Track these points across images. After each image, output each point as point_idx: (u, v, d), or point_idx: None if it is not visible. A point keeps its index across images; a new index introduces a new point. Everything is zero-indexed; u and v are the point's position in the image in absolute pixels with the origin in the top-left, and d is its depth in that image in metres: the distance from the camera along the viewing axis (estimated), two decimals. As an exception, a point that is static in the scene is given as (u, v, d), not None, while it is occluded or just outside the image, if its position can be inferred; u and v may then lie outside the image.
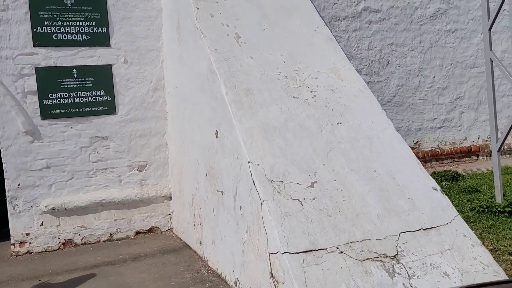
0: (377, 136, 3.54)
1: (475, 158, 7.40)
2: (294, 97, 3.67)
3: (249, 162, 3.15)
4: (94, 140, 5.25)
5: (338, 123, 3.56)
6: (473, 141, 7.41)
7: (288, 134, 3.38)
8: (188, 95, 4.57)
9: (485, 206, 4.17)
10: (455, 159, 7.24)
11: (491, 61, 4.04)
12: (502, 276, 2.79)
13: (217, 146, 3.78)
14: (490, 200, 4.32)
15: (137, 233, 5.37)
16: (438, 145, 7.14)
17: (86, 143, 5.22)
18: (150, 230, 5.44)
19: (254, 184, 3.05)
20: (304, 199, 2.97)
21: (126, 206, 5.36)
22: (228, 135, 3.54)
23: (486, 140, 7.52)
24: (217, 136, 3.76)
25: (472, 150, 7.35)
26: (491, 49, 4.05)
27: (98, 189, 5.29)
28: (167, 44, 5.34)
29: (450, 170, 6.10)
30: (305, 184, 3.07)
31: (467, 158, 7.34)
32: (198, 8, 4.16)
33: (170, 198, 5.52)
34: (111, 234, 5.25)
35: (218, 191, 3.79)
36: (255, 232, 3.06)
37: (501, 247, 3.55)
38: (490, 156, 7.45)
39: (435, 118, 7.11)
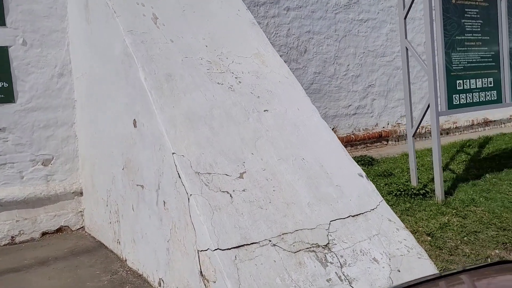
0: (303, 123, 3.48)
1: (385, 143, 7.79)
2: (218, 83, 3.48)
3: (173, 153, 2.92)
4: None
5: (264, 111, 3.44)
6: (383, 127, 7.78)
7: (214, 123, 3.19)
8: (100, 81, 4.17)
9: (402, 190, 4.34)
10: (368, 144, 7.55)
11: (406, 49, 4.18)
12: (425, 257, 2.88)
13: (135, 137, 3.48)
14: (406, 183, 4.51)
15: (44, 234, 4.86)
16: (352, 131, 7.39)
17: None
18: (59, 230, 4.94)
19: (179, 177, 2.83)
20: (233, 191, 2.82)
21: (30, 205, 4.81)
22: (148, 124, 3.26)
23: (395, 126, 7.94)
24: (135, 126, 3.46)
25: (383, 135, 7.71)
26: (406, 37, 4.19)
27: (-5, 187, 4.68)
28: (74, 25, 4.83)
29: (366, 155, 6.33)
30: (234, 175, 2.92)
31: (378, 143, 7.68)
32: (109, -15, 3.77)
33: (81, 194, 5.06)
34: (12, 237, 4.69)
35: (137, 185, 3.50)
36: (181, 229, 2.85)
37: (420, 229, 3.71)
38: (398, 140, 7.90)
39: (350, 105, 7.33)
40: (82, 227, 5.05)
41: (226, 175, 2.90)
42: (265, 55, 3.94)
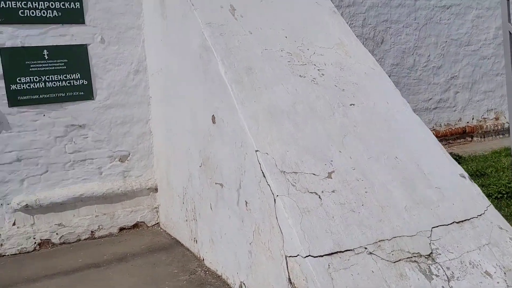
0: (394, 118, 3.18)
1: (470, 139, 7.19)
2: (300, 76, 3.26)
3: (256, 151, 2.74)
4: (70, 129, 4.73)
5: (351, 105, 3.18)
6: (468, 122, 7.19)
7: (297, 118, 2.98)
8: (176, 77, 4.10)
9: (504, 192, 3.90)
10: (450, 141, 7.01)
11: (510, 33, 3.73)
12: (546, 272, 2.49)
13: (214, 133, 3.35)
14: (509, 184, 4.05)
15: (121, 229, 4.91)
16: (433, 127, 6.88)
17: (61, 133, 4.70)
18: (136, 225, 4.98)
19: (264, 176, 2.65)
20: (322, 192, 2.59)
21: (108, 201, 4.88)
22: (228, 120, 3.11)
23: (480, 121, 7.31)
24: (214, 122, 3.33)
25: (467, 131, 7.12)
26: (509, 21, 3.74)
27: (76, 183, 4.78)
28: (149, 21, 4.82)
29: (451, 152, 5.84)
30: (322, 174, 2.69)
31: (461, 140, 7.11)
32: (186, -23, 3.67)
33: (156, 190, 5.07)
34: (92, 232, 4.78)
35: (216, 183, 3.37)
36: (266, 231, 2.67)
37: (529, 237, 3.27)
38: (485, 137, 7.26)
39: (430, 99, 6.83)
40: (158, 223, 5.05)
41: (314, 174, 2.68)
42: (348, 45, 3.66)
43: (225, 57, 3.20)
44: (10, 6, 4.38)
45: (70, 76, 4.69)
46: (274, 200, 2.55)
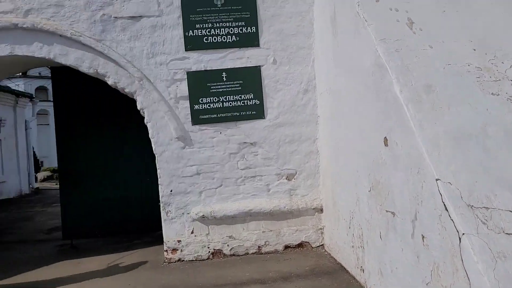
0: None
1: None
2: (492, 93, 2.80)
3: (437, 179, 2.42)
4: (243, 146, 4.99)
5: (561, 128, 2.60)
6: None
7: (488, 143, 2.55)
8: (346, 96, 3.97)
9: None
10: None
11: None
12: None
13: (386, 157, 3.10)
14: None
15: (286, 247, 4.95)
16: None
17: (235, 149, 4.98)
18: (300, 245, 4.97)
19: (446, 209, 2.32)
20: (523, 234, 2.14)
21: (274, 218, 4.98)
22: (402, 143, 2.84)
23: None
24: (386, 145, 3.09)
25: None
26: None
27: (246, 198, 5.00)
28: (319, 40, 4.81)
29: None
30: (522, 213, 2.23)
31: None
32: (360, -7, 3.53)
33: (321, 210, 4.98)
34: (259, 247, 4.92)
35: (387, 211, 3.11)
36: (447, 274, 2.32)
37: None
38: None
39: None
40: (322, 245, 4.95)
41: (511, 211, 2.24)
42: (556, 55, 3.04)
43: (400, 74, 2.95)
44: (197, 34, 4.85)
45: (245, 96, 4.96)
46: (459, 238, 2.19)
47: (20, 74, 21.06)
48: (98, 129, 6.09)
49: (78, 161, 6.04)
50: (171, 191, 4.92)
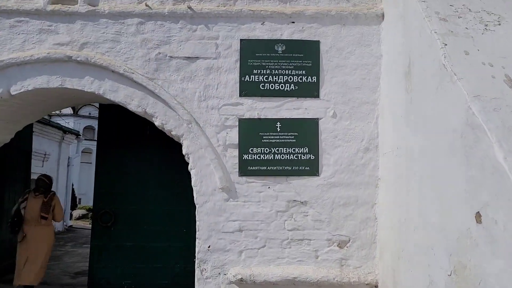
0: None
1: None
2: None
3: None
4: (292, 205, 4.50)
5: None
6: None
7: None
8: (420, 159, 3.46)
9: None
10: None
11: None
12: None
13: (477, 236, 2.53)
14: None
15: (333, 326, 4.29)
16: None
17: (283, 207, 4.49)
18: (349, 325, 4.30)
19: None
20: None
21: (321, 289, 4.37)
22: (505, 222, 2.28)
23: None
24: (478, 221, 2.53)
25: None
26: None
27: (291, 263, 4.44)
28: (386, 96, 4.39)
29: None
30: None
31: None
32: (446, 45, 3.12)
33: (376, 287, 4.33)
34: (302, 322, 4.29)
35: (477, 305, 2.50)
36: None
37: None
38: None
39: None
40: (375, 328, 4.27)
41: None
42: None
43: (503, 138, 2.44)
44: (253, 80, 4.55)
45: (299, 150, 4.53)
46: None
47: (71, 112, 21.80)
48: (139, 171, 5.80)
49: (115, 202, 5.74)
50: (209, 247, 4.44)
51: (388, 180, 4.24)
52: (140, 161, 5.85)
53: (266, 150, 4.52)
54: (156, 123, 4.56)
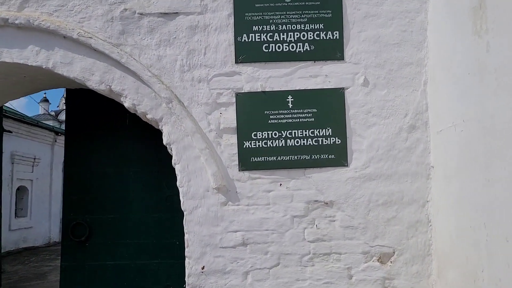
0: None
1: None
2: None
3: None
4: (312, 207, 3.31)
5: None
6: None
7: None
8: (502, 136, 2.24)
9: None
10: None
11: None
12: None
13: None
14: None
15: None
16: None
17: (301, 211, 3.31)
18: None
19: None
20: None
21: (359, 323, 3.17)
22: None
23: None
24: None
25: None
26: None
27: (315, 286, 3.25)
28: (438, 52, 3.17)
29: None
30: None
31: None
32: None
33: (436, 317, 3.12)
34: None
35: None
36: None
37: None
38: None
39: None
40: None
41: None
42: None
43: None
44: (253, 40, 3.36)
45: (319, 132, 3.34)
46: None
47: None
48: (119, 170, 4.62)
49: (89, 210, 4.55)
50: (203, 268, 3.28)
51: (448, 168, 3.01)
52: (120, 158, 4.64)
53: (275, 134, 3.33)
54: (126, 104, 3.41)
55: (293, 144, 3.32)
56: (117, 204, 4.67)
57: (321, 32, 3.36)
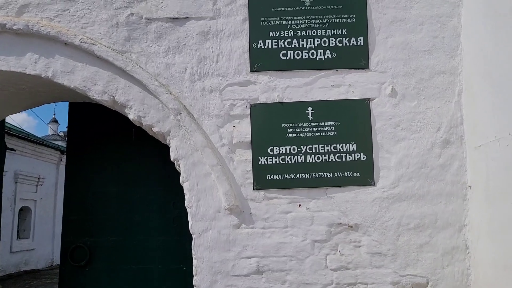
0: None
1: None
2: None
3: None
4: (335, 230, 2.98)
5: None
6: None
7: None
8: None
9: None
10: None
11: None
12: None
13: None
14: None
15: None
16: None
17: (322, 235, 2.98)
18: None
19: None
20: None
21: None
22: None
23: None
24: None
25: None
26: None
27: (338, 322, 2.88)
28: (474, 58, 2.87)
29: None
30: None
31: None
32: None
33: None
34: None
35: None
36: None
37: None
38: None
39: None
40: None
41: None
42: None
43: None
44: (270, 47, 3.08)
45: (342, 147, 3.02)
46: None
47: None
48: (123, 190, 4.31)
49: (90, 233, 4.23)
50: (213, 299, 2.92)
51: (491, 187, 2.67)
52: (124, 177, 4.34)
53: (293, 150, 3.02)
54: (131, 116, 3.12)
55: (313, 161, 3.01)
56: (120, 226, 4.34)
57: (344, 38, 3.08)
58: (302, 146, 3.02)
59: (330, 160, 3.01)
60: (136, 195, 4.37)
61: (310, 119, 3.04)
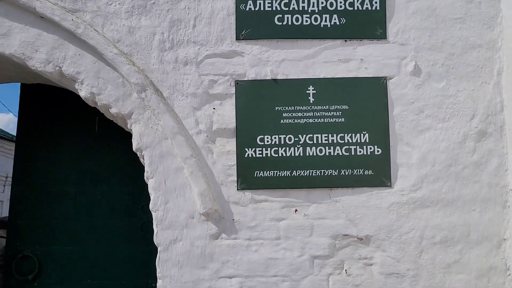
0: None
1: None
2: None
3: None
4: (341, 244, 2.39)
5: None
6: None
7: None
8: None
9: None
10: None
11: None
12: None
13: None
14: None
15: None
16: None
17: (324, 249, 2.40)
18: None
19: None
20: None
21: None
22: None
23: None
24: None
25: None
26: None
27: None
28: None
29: None
30: None
31: None
32: None
33: None
34: None
35: None
36: None
37: None
38: None
39: None
40: None
41: None
42: None
43: None
44: (261, 9, 2.47)
45: (351, 137, 2.43)
46: None
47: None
48: (81, 190, 3.69)
49: (40, 240, 3.62)
50: (184, 330, 2.28)
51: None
52: (84, 174, 3.72)
53: (289, 140, 2.41)
54: (82, 94, 2.48)
55: (314, 154, 2.39)
56: (77, 233, 3.76)
57: (356, 1, 2.47)
58: (300, 136, 2.41)
59: (335, 153, 2.40)
60: (98, 196, 3.77)
61: (311, 102, 2.43)
